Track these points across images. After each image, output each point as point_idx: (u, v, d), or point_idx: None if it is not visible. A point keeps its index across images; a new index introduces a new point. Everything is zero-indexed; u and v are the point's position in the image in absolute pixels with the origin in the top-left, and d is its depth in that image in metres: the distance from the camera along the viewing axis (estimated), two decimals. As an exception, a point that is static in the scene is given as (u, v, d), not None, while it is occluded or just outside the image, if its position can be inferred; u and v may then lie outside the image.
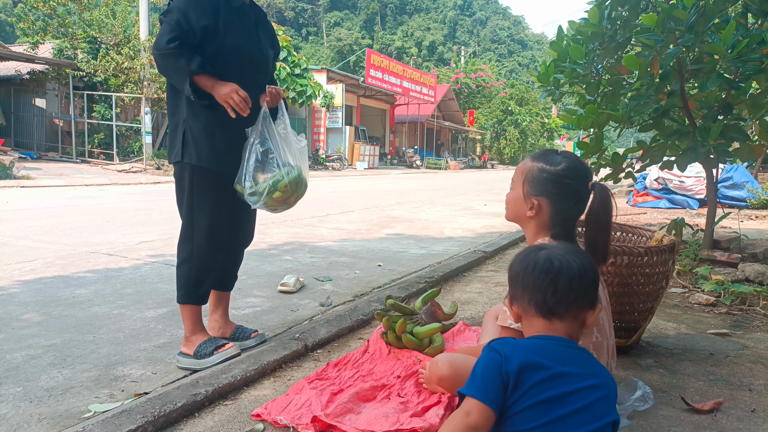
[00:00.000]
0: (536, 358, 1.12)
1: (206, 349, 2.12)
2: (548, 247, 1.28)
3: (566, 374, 1.12)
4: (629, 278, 2.14)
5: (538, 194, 1.62)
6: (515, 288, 1.27)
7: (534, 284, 1.22)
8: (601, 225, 1.59)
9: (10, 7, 49.27)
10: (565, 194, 1.60)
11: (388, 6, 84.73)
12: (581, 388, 1.11)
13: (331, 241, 5.26)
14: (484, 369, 1.13)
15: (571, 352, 1.17)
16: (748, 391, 1.95)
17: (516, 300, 1.27)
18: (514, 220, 1.74)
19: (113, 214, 6.82)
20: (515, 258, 1.31)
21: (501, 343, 1.17)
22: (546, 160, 1.63)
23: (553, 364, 1.12)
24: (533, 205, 1.62)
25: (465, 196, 11.75)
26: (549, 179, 1.61)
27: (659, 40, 3.04)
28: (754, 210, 8.18)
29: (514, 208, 1.71)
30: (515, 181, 1.70)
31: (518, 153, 44.04)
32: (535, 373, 1.10)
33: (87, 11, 17.63)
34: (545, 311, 1.21)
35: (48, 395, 1.87)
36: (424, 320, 2.31)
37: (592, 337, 1.52)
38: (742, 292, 3.10)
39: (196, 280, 2.16)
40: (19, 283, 3.33)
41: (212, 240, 2.15)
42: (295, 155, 2.17)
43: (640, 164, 4.13)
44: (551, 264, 1.22)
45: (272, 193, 2.07)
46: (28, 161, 15.06)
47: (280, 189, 2.07)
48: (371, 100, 30.72)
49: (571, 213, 1.63)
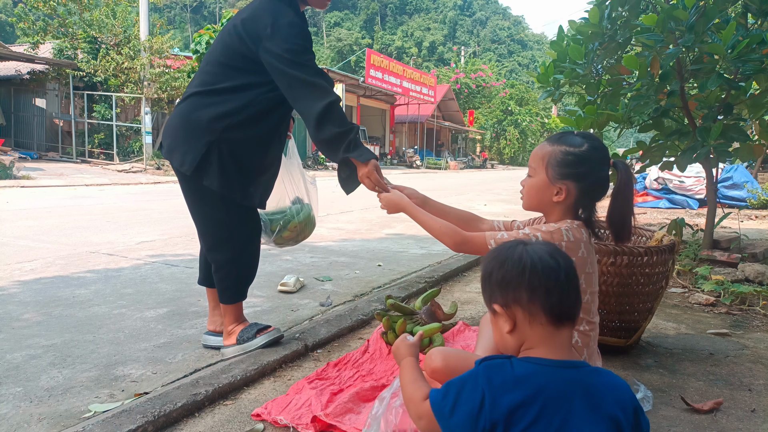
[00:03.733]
0: (530, 398, 0.97)
1: (248, 333, 2.13)
2: (530, 243, 1.13)
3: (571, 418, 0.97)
4: (629, 278, 2.14)
5: (564, 178, 1.54)
6: (517, 290, 1.07)
7: (545, 284, 1.06)
8: (629, 201, 1.56)
9: (10, 7, 49.29)
10: (593, 175, 1.55)
11: (388, 6, 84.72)
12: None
13: (331, 241, 5.26)
14: (460, 401, 1.01)
15: (579, 381, 1.01)
16: (747, 391, 1.95)
17: (518, 304, 1.07)
18: (536, 208, 1.65)
19: (113, 214, 6.82)
20: (499, 259, 1.12)
21: (492, 371, 1.02)
22: (568, 143, 1.56)
23: (551, 402, 0.97)
24: (560, 190, 1.55)
25: (465, 196, 11.74)
26: (576, 161, 1.54)
27: (659, 40, 3.04)
28: (753, 210, 8.18)
29: (537, 196, 1.60)
30: (535, 168, 1.60)
31: (518, 153, 44.06)
32: (529, 411, 0.96)
33: (87, 11, 17.64)
34: (558, 314, 1.06)
35: (48, 395, 1.87)
36: (424, 320, 2.31)
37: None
38: (741, 292, 3.10)
39: (245, 277, 2.16)
40: (19, 283, 3.33)
41: (250, 239, 2.13)
42: (307, 192, 2.15)
43: (640, 164, 4.13)
44: (556, 262, 1.08)
45: (282, 232, 2.07)
46: (28, 161, 15.06)
47: (290, 229, 2.07)
48: (371, 100, 30.73)
49: (598, 195, 1.58)
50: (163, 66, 16.89)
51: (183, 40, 57.98)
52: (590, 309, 1.55)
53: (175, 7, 75.39)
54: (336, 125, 1.85)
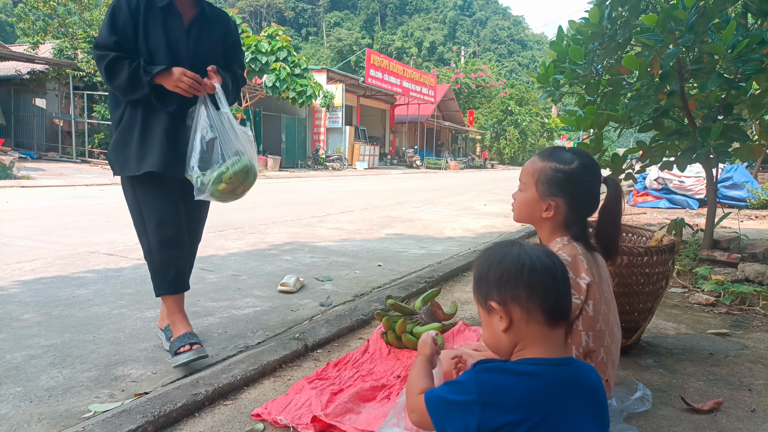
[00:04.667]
0: (531, 401, 0.99)
1: (174, 346, 2.14)
2: (524, 244, 1.15)
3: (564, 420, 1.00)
4: (629, 278, 2.14)
5: (554, 194, 1.55)
6: (516, 287, 1.07)
7: (544, 283, 1.07)
8: (616, 219, 1.58)
9: (10, 7, 49.27)
10: (582, 192, 1.56)
11: (388, 6, 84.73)
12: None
13: (331, 241, 5.26)
14: (450, 416, 1.01)
15: (574, 377, 1.05)
16: (747, 391, 1.95)
17: (516, 302, 1.07)
18: (526, 221, 1.66)
19: (113, 214, 6.82)
20: (496, 257, 1.13)
21: (488, 376, 1.02)
22: (558, 159, 1.56)
23: (546, 407, 0.99)
24: (549, 206, 1.56)
25: (465, 196, 11.75)
26: (565, 179, 1.54)
27: (659, 40, 3.05)
28: (753, 210, 8.18)
29: (527, 210, 1.62)
30: (525, 182, 1.61)
31: (518, 153, 44.07)
32: (531, 414, 0.98)
33: (87, 11, 17.65)
34: (555, 314, 1.07)
35: (48, 395, 1.87)
36: (424, 320, 2.32)
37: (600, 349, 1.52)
38: (741, 292, 3.10)
39: (160, 270, 2.22)
40: (19, 283, 3.33)
41: (162, 237, 2.18)
42: (243, 144, 2.14)
43: (640, 164, 4.13)
44: (552, 262, 1.10)
45: (217, 184, 2.07)
46: (28, 161, 15.06)
47: (225, 180, 2.07)
48: (371, 100, 30.72)
49: (588, 211, 1.59)
50: (163, 66, 16.87)
51: (183, 40, 57.80)
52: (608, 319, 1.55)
53: (175, 7, 75.14)
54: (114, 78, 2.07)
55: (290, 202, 9.26)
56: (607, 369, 1.54)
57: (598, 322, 1.53)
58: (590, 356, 1.53)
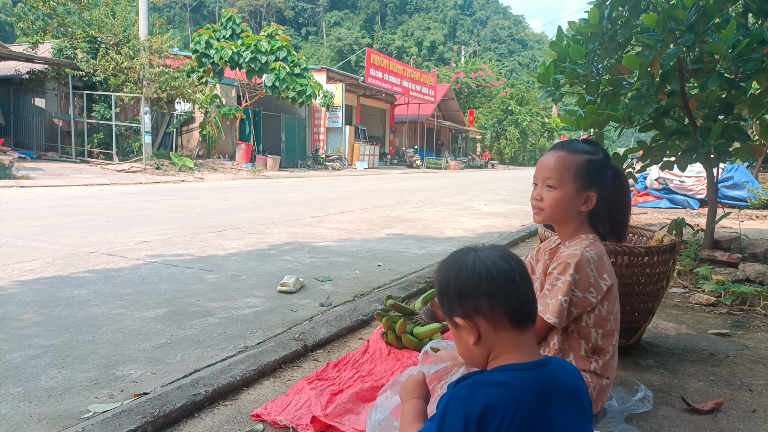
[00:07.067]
0: (511, 407, 0.99)
1: None
2: (479, 249, 1.12)
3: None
4: (630, 278, 2.14)
5: (592, 186, 1.57)
6: (477, 299, 1.06)
7: (503, 289, 1.05)
8: (627, 204, 1.65)
9: (9, 7, 49.24)
10: (610, 181, 1.61)
11: (388, 6, 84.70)
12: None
13: (331, 241, 5.25)
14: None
15: (552, 377, 1.04)
16: (748, 391, 1.95)
17: (479, 313, 1.06)
18: (558, 220, 1.61)
19: (112, 214, 6.81)
20: (453, 270, 1.10)
21: (467, 392, 1.00)
22: (587, 151, 1.59)
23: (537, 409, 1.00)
24: (587, 199, 1.57)
25: (465, 196, 11.74)
26: (600, 168, 1.58)
27: (659, 40, 3.04)
28: (754, 210, 8.18)
29: (565, 207, 1.57)
30: (561, 179, 1.56)
31: (518, 153, 44.06)
32: (513, 420, 0.98)
33: (87, 11, 17.61)
34: (521, 317, 1.06)
35: (47, 395, 1.87)
36: (424, 320, 2.31)
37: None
38: (742, 292, 3.09)
39: None
40: (18, 283, 3.33)
41: None
42: None
43: (641, 164, 4.12)
44: (509, 264, 1.08)
45: None
46: (27, 161, 15.05)
47: None
48: (371, 100, 30.72)
49: (612, 199, 1.63)
50: (163, 65, 16.87)
51: (182, 40, 57.99)
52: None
53: (174, 6, 75.35)
54: None
55: (290, 202, 9.25)
56: (613, 369, 1.55)
57: (609, 321, 1.54)
58: (598, 353, 1.53)
